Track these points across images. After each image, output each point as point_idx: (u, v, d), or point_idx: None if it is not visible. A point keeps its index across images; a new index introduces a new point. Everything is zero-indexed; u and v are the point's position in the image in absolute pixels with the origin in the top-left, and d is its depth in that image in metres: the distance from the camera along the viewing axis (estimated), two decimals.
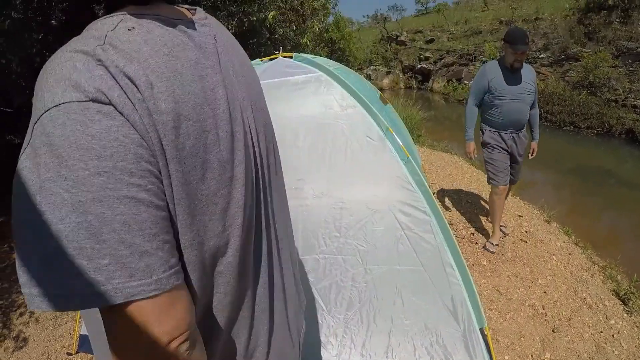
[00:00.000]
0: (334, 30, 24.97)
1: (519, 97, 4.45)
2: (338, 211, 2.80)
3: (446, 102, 24.35)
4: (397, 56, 33.65)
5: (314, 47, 10.16)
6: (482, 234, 5.21)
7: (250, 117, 1.05)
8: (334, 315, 2.77)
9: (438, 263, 2.65)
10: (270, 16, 7.46)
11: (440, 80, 28.03)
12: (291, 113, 3.05)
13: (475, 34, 30.40)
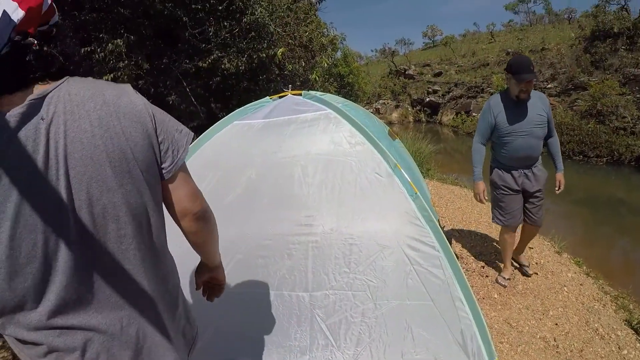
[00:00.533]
0: (342, 65, 25.21)
1: (528, 132, 4.14)
2: (348, 247, 2.82)
3: (455, 135, 24.44)
4: (406, 90, 33.93)
5: (323, 82, 10.27)
6: (492, 267, 5.17)
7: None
8: (343, 350, 2.75)
9: (447, 297, 2.65)
10: (279, 52, 7.57)
11: (449, 113, 28.21)
12: (300, 150, 3.11)
13: (483, 65, 30.69)
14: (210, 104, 8.32)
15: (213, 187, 3.20)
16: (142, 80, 6.91)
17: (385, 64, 46.12)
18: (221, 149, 3.35)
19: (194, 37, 7.33)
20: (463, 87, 28.75)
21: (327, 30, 10.76)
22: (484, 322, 2.60)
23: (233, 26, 7.51)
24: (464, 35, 53.77)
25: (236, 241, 3.05)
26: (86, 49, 6.08)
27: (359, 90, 28.10)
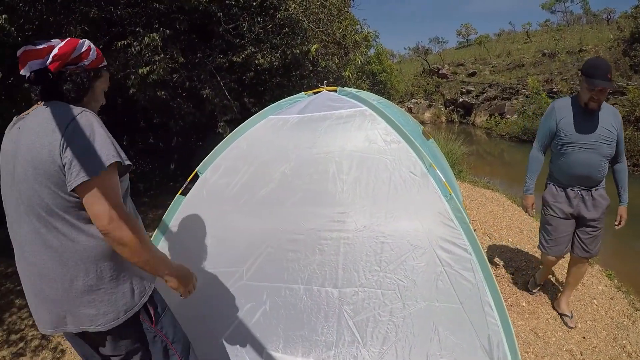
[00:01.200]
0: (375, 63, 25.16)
1: (592, 147, 3.62)
2: (379, 245, 2.81)
3: (488, 137, 24.14)
4: (439, 89, 33.62)
5: (356, 79, 10.23)
6: (522, 274, 5.10)
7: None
8: (369, 348, 2.76)
9: (477, 302, 2.63)
10: (313, 49, 7.55)
11: (482, 114, 27.86)
12: (335, 147, 3.11)
13: (518, 66, 30.21)
14: (244, 99, 8.35)
15: (247, 180, 3.23)
16: (177, 74, 6.97)
17: (419, 62, 45.82)
18: (256, 142, 3.37)
19: (227, 33, 7.36)
20: (497, 88, 28.35)
21: (361, 27, 10.73)
22: (512, 329, 2.57)
23: (267, 22, 7.53)
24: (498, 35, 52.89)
25: (268, 234, 3.09)
26: (123, 42, 6.15)
27: (392, 89, 28.01)
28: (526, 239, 6.13)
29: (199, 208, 3.32)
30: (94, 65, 2.01)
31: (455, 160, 10.73)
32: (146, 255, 1.85)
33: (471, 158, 13.43)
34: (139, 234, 1.82)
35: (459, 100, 30.91)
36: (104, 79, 2.11)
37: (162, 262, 1.97)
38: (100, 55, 2.05)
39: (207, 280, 3.17)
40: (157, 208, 8.20)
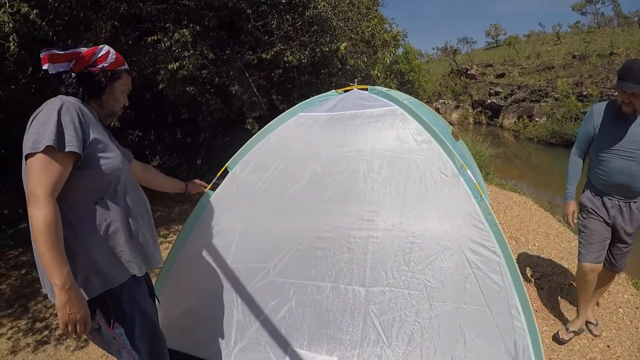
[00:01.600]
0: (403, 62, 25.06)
1: (631, 155, 3.41)
2: (408, 245, 2.80)
3: (516, 140, 23.89)
4: (467, 90, 33.37)
5: (385, 78, 10.19)
6: (548, 279, 5.04)
7: None
8: (393, 348, 2.75)
9: (504, 305, 2.60)
10: (342, 47, 7.53)
11: (511, 117, 27.58)
12: (366, 145, 3.10)
13: (548, 68, 29.83)
14: (272, 96, 8.37)
15: (277, 177, 3.24)
16: (206, 70, 7.01)
17: (447, 62, 45.47)
18: (286, 139, 3.38)
19: (256, 30, 7.38)
20: (526, 90, 28.01)
21: (389, 25, 10.69)
22: (539, 335, 2.53)
23: (296, 19, 7.52)
24: (528, 36, 52.38)
25: (297, 231, 3.09)
26: (152, 38, 6.21)
27: (419, 89, 27.86)
28: (552, 244, 6.05)
29: (228, 203, 3.33)
30: (113, 67, 2.21)
31: (482, 162, 10.67)
32: (42, 247, 1.79)
33: (498, 160, 13.33)
34: (48, 224, 1.79)
35: (487, 101, 30.64)
36: (124, 81, 2.30)
37: (56, 269, 1.80)
38: (120, 59, 2.26)
39: (234, 275, 3.19)
40: (183, 202, 8.29)
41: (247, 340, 3.09)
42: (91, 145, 1.99)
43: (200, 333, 3.26)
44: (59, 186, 1.88)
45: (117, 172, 2.10)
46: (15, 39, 4.56)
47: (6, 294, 4.99)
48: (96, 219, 2.03)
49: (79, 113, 1.99)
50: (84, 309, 1.89)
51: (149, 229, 2.33)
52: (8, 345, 4.02)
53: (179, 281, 3.36)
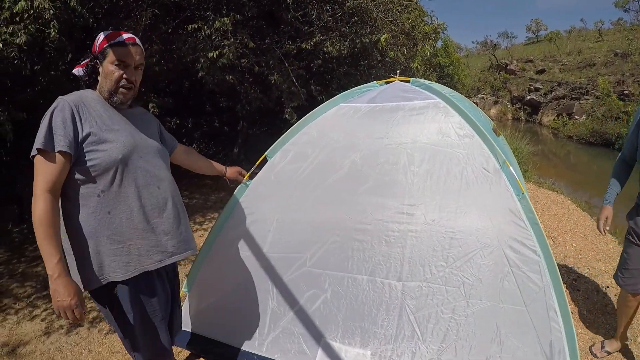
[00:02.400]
0: (442, 56, 24.84)
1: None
2: (447, 241, 2.76)
3: (555, 137, 23.51)
4: (506, 85, 32.94)
5: (424, 71, 10.11)
6: (584, 281, 4.94)
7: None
8: (428, 345, 2.72)
9: (542, 306, 2.55)
10: (383, 39, 7.48)
11: (550, 114, 27.14)
12: (407, 138, 3.05)
13: (589, 65, 29.29)
14: (310, 86, 8.38)
15: (316, 167, 3.24)
16: (246, 59, 7.04)
17: (486, 57, 44.92)
18: (326, 129, 3.36)
19: (296, 20, 7.39)
20: (566, 87, 27.47)
21: (430, 18, 10.60)
22: (576, 338, 2.48)
23: (336, 10, 7.49)
24: (569, 32, 51.33)
25: (335, 222, 3.08)
26: (192, 26, 6.25)
27: (458, 83, 27.56)
28: (590, 245, 5.93)
29: (266, 192, 3.34)
30: (100, 49, 2.23)
31: (521, 159, 10.52)
32: (38, 238, 1.96)
33: (536, 158, 13.11)
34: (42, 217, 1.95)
35: (526, 97, 30.19)
36: (112, 55, 2.22)
37: (47, 258, 1.97)
38: (108, 36, 2.23)
39: (269, 264, 3.21)
40: (219, 191, 8.37)
41: (280, 330, 3.10)
42: (85, 141, 2.08)
43: (233, 321, 3.28)
44: (55, 182, 2.01)
45: (114, 164, 2.13)
46: (56, 25, 4.64)
47: (42, 276, 5.10)
48: (98, 212, 2.11)
49: (73, 110, 2.07)
50: (72, 297, 1.99)
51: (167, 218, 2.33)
52: (42, 327, 4.10)
53: (214, 269, 3.40)
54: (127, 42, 2.25)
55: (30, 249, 5.90)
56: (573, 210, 7.69)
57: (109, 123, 2.19)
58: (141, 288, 2.26)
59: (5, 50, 4.58)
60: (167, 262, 2.31)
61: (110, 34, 2.24)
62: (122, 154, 2.15)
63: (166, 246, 2.30)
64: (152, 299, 2.31)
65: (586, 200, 9.72)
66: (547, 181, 10.09)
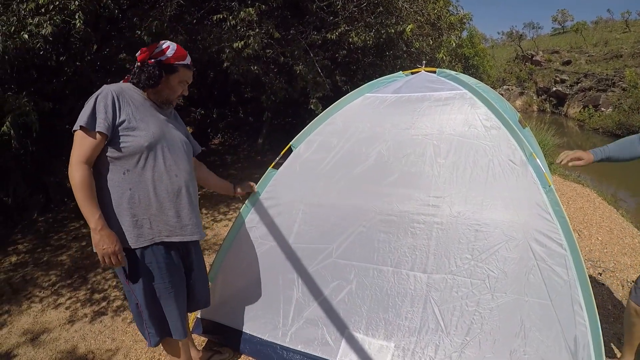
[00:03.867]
0: (467, 46, 24.63)
1: None
2: (473, 233, 2.75)
3: (581, 130, 23.22)
4: (532, 77, 32.57)
5: (450, 62, 10.04)
6: (609, 275, 4.88)
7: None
8: (452, 337, 2.72)
9: (567, 300, 2.52)
10: (408, 29, 7.43)
11: (576, 106, 26.78)
12: (434, 129, 3.03)
13: (616, 57, 28.87)
14: (336, 77, 8.36)
15: (341, 157, 3.23)
16: (271, 49, 7.05)
17: (512, 47, 44.43)
18: (352, 119, 3.35)
19: (321, 10, 7.36)
20: (593, 79, 27.07)
21: (455, 8, 10.51)
22: (600, 332, 2.44)
23: (361, 0, 7.46)
24: (596, 23, 50.52)
25: (361, 213, 3.08)
26: (218, 16, 6.27)
27: (484, 74, 27.33)
28: (616, 239, 5.87)
29: (291, 182, 3.35)
30: (170, 61, 2.51)
31: (546, 151, 10.40)
32: (79, 200, 2.27)
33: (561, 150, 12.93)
34: (81, 182, 2.26)
35: (552, 89, 29.83)
36: (181, 74, 2.58)
37: (89, 215, 2.28)
38: (180, 54, 2.56)
39: (295, 254, 3.22)
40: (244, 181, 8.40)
41: (304, 320, 3.12)
42: (121, 125, 2.37)
43: (257, 311, 3.31)
44: (90, 156, 2.30)
45: (140, 149, 2.41)
46: (81, 16, 4.70)
47: (66, 265, 5.20)
48: (122, 187, 2.40)
49: (115, 98, 2.37)
50: (115, 244, 2.32)
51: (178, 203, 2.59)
52: (66, 315, 4.18)
53: (239, 259, 3.43)
54: (192, 66, 2.66)
55: (55, 237, 6.03)
56: (599, 204, 7.60)
57: (143, 114, 2.48)
58: (152, 260, 2.51)
59: (31, 41, 4.66)
60: (173, 239, 2.57)
61: (178, 52, 2.56)
62: (149, 142, 2.43)
63: (175, 227, 2.57)
64: (164, 273, 2.55)
65: (612, 194, 9.62)
66: (573, 174, 9.97)
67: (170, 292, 2.58)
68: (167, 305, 2.60)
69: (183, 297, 2.70)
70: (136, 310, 2.59)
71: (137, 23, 5.79)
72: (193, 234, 2.66)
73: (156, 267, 2.51)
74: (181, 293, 2.68)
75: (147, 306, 2.54)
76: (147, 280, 2.51)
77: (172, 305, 2.61)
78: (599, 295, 4.47)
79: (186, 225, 2.61)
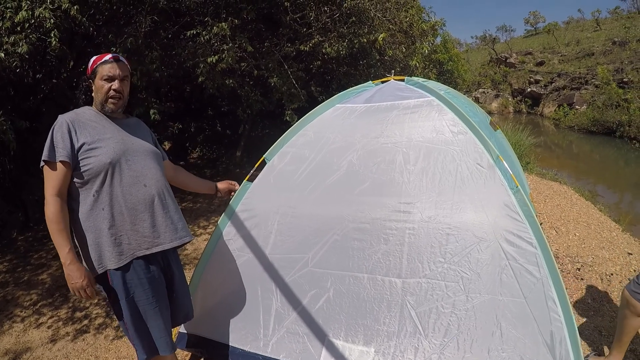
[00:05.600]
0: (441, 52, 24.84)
1: None
2: (444, 236, 2.81)
3: (556, 128, 23.53)
4: (506, 79, 33.00)
5: (423, 69, 10.14)
6: (588, 270, 4.97)
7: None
8: (430, 340, 2.75)
9: (541, 297, 2.58)
10: (380, 38, 7.51)
11: (551, 105, 27.15)
12: (402, 137, 3.11)
13: (588, 55, 29.43)
14: (311, 87, 8.43)
15: (314, 168, 3.29)
16: (245, 62, 7.09)
17: (486, 51, 45.00)
18: (323, 130, 3.42)
19: (294, 22, 7.41)
20: (566, 78, 27.49)
21: (427, 15, 10.62)
22: (576, 326, 2.51)
23: (333, 11, 7.51)
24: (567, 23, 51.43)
25: (334, 222, 3.12)
26: (191, 32, 6.30)
27: (458, 78, 27.58)
28: (593, 234, 5.98)
29: (266, 194, 3.39)
30: (91, 69, 2.61)
31: (522, 151, 10.57)
32: (51, 233, 2.36)
33: (539, 149, 13.15)
34: (52, 216, 2.35)
35: (527, 90, 30.20)
36: (100, 72, 2.59)
37: (60, 249, 2.35)
38: (98, 59, 2.61)
39: (272, 265, 3.25)
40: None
41: (284, 330, 3.14)
42: (81, 150, 2.43)
43: (238, 323, 3.32)
44: (60, 187, 2.39)
45: (104, 167, 2.46)
46: (57, 34, 4.72)
47: (47, 284, 5.17)
48: (96, 210, 2.45)
49: (69, 125, 2.45)
50: (83, 279, 2.36)
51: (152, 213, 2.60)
52: (48, 334, 4.16)
53: (217, 271, 3.45)
54: (112, 59, 2.61)
55: (35, 256, 5.98)
56: (576, 200, 7.73)
57: (101, 132, 2.53)
58: (133, 277, 2.52)
59: (8, 59, 4.68)
60: (153, 250, 2.57)
61: (97, 58, 2.61)
62: (111, 158, 2.48)
63: (152, 237, 2.58)
64: (146, 288, 2.54)
65: (589, 189, 9.76)
66: (550, 172, 10.12)
67: (155, 307, 2.56)
68: (153, 321, 2.58)
69: (167, 310, 2.68)
70: (124, 327, 2.59)
71: (113, 40, 5.81)
72: (172, 240, 2.65)
73: (139, 284, 2.51)
74: (165, 307, 2.66)
75: (133, 323, 2.53)
76: (131, 298, 2.50)
77: (158, 319, 2.59)
78: (579, 290, 4.56)
79: (163, 233, 2.61)
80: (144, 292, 2.53)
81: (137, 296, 2.52)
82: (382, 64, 8.95)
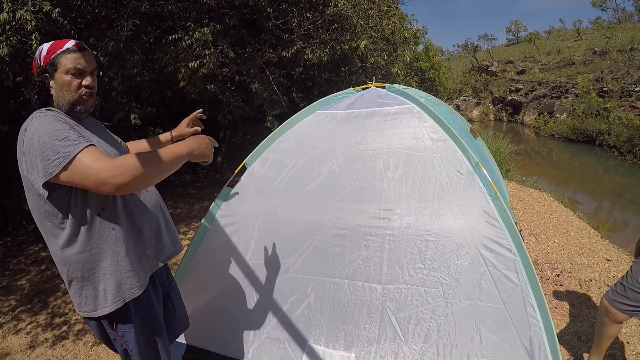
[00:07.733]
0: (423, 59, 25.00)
1: None
2: (424, 243, 2.83)
3: (537, 136, 23.77)
4: (488, 87, 33.26)
5: (405, 76, 10.21)
6: (567, 276, 5.02)
7: None
8: (410, 345, 2.77)
9: (519, 302, 2.61)
10: (362, 45, 7.56)
11: (531, 113, 27.42)
12: (383, 143, 3.13)
13: (568, 64, 29.84)
14: (292, 94, 8.47)
15: (294, 174, 3.30)
16: (227, 68, 7.08)
17: (467, 59, 45.43)
18: (304, 137, 3.43)
19: (277, 28, 7.43)
20: (547, 87, 27.79)
21: (410, 23, 10.71)
22: (554, 331, 2.54)
23: (316, 17, 7.55)
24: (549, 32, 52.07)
25: (315, 228, 3.13)
26: (173, 36, 6.28)
27: (440, 86, 27.81)
28: (572, 241, 6.05)
29: (246, 200, 3.39)
30: (47, 59, 1.99)
31: (502, 159, 10.65)
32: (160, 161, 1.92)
33: (519, 157, 13.27)
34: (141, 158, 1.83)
35: (508, 98, 30.46)
36: (64, 63, 1.99)
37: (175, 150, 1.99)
38: (55, 46, 2.00)
39: (253, 271, 3.25)
40: (203, 200, 8.40)
41: (265, 336, 3.14)
42: None
43: (218, 329, 3.31)
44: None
45: None
46: (38, 37, 4.67)
47: (26, 289, 5.10)
48: (103, 231, 1.97)
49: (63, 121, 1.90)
50: (204, 140, 2.10)
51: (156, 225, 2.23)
52: (27, 340, 4.11)
53: (197, 278, 3.42)
54: (78, 47, 2.03)
55: (14, 262, 5.90)
56: (556, 207, 7.80)
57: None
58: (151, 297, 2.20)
59: None
60: (166, 260, 2.31)
61: (54, 43, 2.02)
62: None
63: (168, 244, 2.30)
64: (156, 306, 2.23)
65: (569, 197, 9.88)
66: (530, 179, 10.22)
67: (162, 325, 2.26)
68: (162, 340, 2.24)
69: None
70: (125, 356, 2.16)
71: (94, 43, 5.77)
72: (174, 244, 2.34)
73: (148, 305, 2.16)
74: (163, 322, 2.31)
75: (140, 350, 2.14)
76: (142, 321, 2.13)
77: (165, 340, 2.27)
78: (558, 296, 4.60)
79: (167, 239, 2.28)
80: (155, 312, 2.21)
81: (151, 317, 2.18)
82: (363, 71, 9.00)
